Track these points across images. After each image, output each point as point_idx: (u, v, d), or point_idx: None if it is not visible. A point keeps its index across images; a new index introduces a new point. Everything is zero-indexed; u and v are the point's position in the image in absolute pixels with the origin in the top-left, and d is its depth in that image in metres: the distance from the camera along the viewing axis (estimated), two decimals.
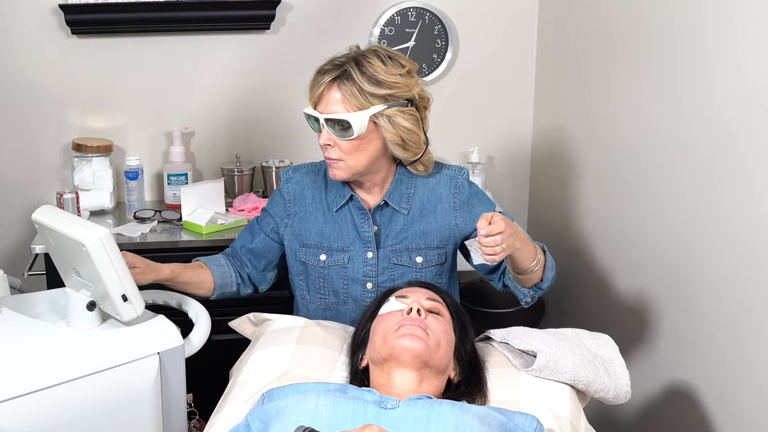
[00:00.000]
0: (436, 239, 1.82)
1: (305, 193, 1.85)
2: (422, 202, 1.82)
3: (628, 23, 2.24)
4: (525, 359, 1.66)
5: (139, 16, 2.51)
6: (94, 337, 1.58)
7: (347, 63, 1.68)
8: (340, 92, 1.67)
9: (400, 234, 1.81)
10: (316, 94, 1.70)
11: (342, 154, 1.71)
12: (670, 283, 2.09)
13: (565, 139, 2.65)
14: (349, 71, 1.67)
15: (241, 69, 2.67)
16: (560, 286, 2.77)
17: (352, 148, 1.70)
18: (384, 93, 1.67)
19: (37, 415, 1.45)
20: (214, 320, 1.78)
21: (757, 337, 1.78)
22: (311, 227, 1.83)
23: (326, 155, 1.73)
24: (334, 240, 1.82)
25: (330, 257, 1.81)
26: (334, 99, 1.68)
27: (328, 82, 1.68)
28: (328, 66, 1.70)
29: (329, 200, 1.83)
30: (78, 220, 1.57)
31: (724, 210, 1.86)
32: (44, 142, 2.61)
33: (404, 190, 1.81)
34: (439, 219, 1.82)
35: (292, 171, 1.88)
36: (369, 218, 1.80)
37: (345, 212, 1.82)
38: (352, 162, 1.72)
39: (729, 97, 1.82)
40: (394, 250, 1.80)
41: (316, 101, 1.71)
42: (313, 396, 1.38)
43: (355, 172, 1.74)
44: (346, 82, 1.66)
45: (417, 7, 2.71)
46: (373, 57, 1.68)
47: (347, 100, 1.66)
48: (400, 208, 1.80)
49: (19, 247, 2.64)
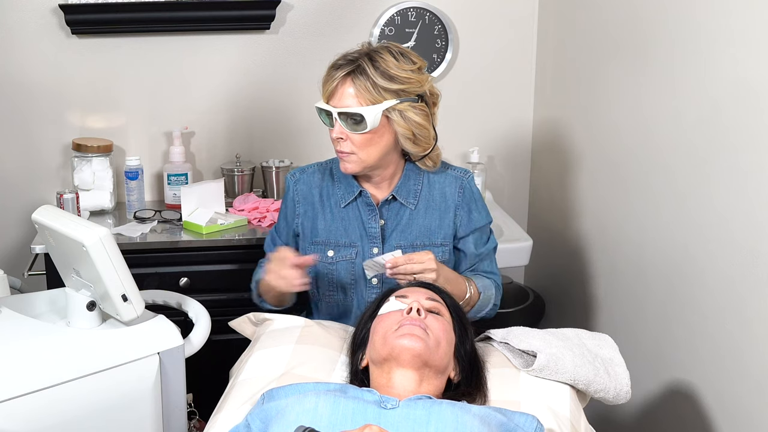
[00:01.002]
0: (439, 236, 1.84)
1: (313, 191, 1.87)
2: (428, 198, 1.85)
3: (629, 23, 2.24)
4: (525, 359, 1.66)
5: (139, 16, 2.51)
6: (94, 337, 1.58)
7: (361, 58, 1.71)
8: (354, 87, 1.70)
9: (405, 230, 1.83)
10: (330, 88, 1.72)
11: (354, 147, 1.73)
12: (670, 283, 2.09)
13: (565, 139, 2.65)
14: (363, 66, 1.69)
15: (241, 69, 2.67)
16: (560, 286, 2.77)
17: (365, 142, 1.73)
18: (396, 88, 1.70)
19: (37, 415, 1.45)
20: (214, 320, 1.78)
21: (756, 337, 1.78)
22: (319, 224, 1.85)
23: (338, 149, 1.76)
24: (341, 236, 1.83)
25: (338, 253, 1.83)
26: (348, 93, 1.70)
27: (342, 77, 1.71)
28: (342, 61, 1.72)
29: (338, 197, 1.85)
30: (78, 220, 1.57)
31: (725, 210, 1.86)
32: (44, 142, 2.61)
33: (412, 185, 1.84)
34: (442, 216, 1.85)
35: (299, 172, 1.90)
36: (376, 213, 1.82)
37: (353, 208, 1.84)
38: (364, 155, 1.74)
39: (729, 97, 1.82)
40: (399, 246, 1.81)
41: (329, 95, 1.73)
42: (313, 396, 1.38)
43: (366, 166, 1.77)
44: (360, 76, 1.69)
45: (417, 7, 2.71)
46: (385, 53, 1.72)
47: (361, 95, 1.69)
48: (407, 203, 1.83)
49: (19, 247, 2.64)
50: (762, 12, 1.70)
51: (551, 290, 2.83)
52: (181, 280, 2.31)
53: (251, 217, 2.43)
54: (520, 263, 2.48)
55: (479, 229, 1.88)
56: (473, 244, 1.87)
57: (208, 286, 2.32)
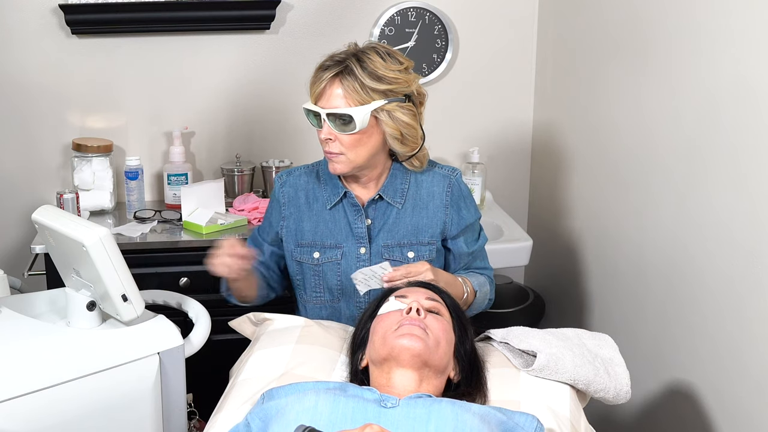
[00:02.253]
0: (427, 235, 1.84)
1: (299, 194, 1.87)
2: (415, 197, 1.85)
3: (629, 23, 2.24)
4: (525, 359, 1.66)
5: (139, 16, 2.51)
6: (94, 337, 1.58)
7: (348, 59, 1.71)
8: (342, 87, 1.70)
9: (392, 229, 1.83)
10: (318, 89, 1.72)
11: (343, 148, 1.73)
12: (669, 283, 2.09)
13: (565, 139, 2.65)
14: (351, 67, 1.69)
15: (241, 69, 2.67)
16: (560, 286, 2.77)
17: (354, 143, 1.73)
18: (384, 88, 1.70)
19: (37, 415, 1.45)
20: (214, 320, 1.78)
21: (756, 337, 1.78)
22: (305, 226, 1.85)
23: (327, 150, 1.76)
24: (327, 237, 1.84)
25: (323, 254, 1.83)
26: (336, 94, 1.70)
27: (330, 78, 1.71)
28: (329, 62, 1.73)
29: (324, 199, 1.85)
30: (78, 220, 1.57)
31: (724, 210, 1.86)
32: (44, 142, 2.61)
33: (399, 185, 1.84)
34: (430, 215, 1.84)
35: (286, 175, 1.91)
36: (362, 213, 1.82)
37: (339, 209, 1.84)
38: (352, 156, 1.74)
39: (729, 97, 1.82)
40: (386, 246, 1.82)
41: (317, 97, 1.73)
42: (313, 395, 1.38)
43: (355, 166, 1.77)
44: (348, 77, 1.69)
45: (417, 7, 2.71)
46: (372, 53, 1.72)
47: (349, 95, 1.69)
48: (394, 202, 1.83)
49: (19, 247, 2.64)
50: (762, 12, 1.70)
51: (551, 290, 2.83)
52: (181, 280, 2.31)
53: (251, 217, 2.43)
54: (520, 263, 2.48)
55: (469, 226, 1.88)
56: (464, 243, 1.88)
57: (208, 286, 2.31)
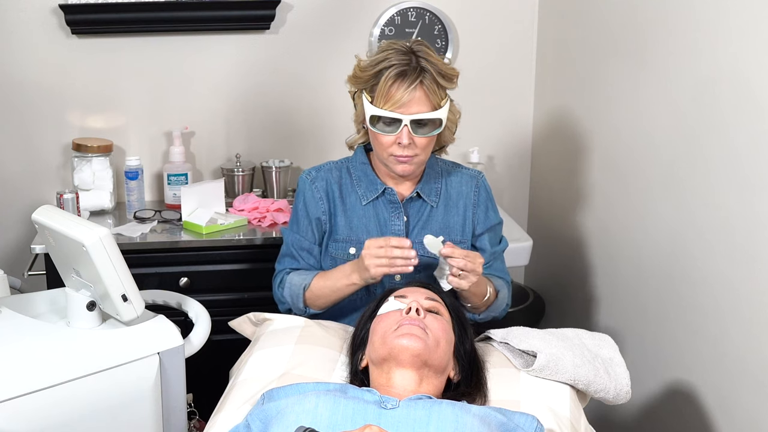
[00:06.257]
0: (458, 233, 1.87)
1: (333, 188, 1.86)
2: (446, 197, 1.87)
3: (629, 23, 2.24)
4: (525, 359, 1.66)
5: (139, 16, 2.51)
6: (94, 337, 1.58)
7: (418, 61, 1.71)
8: (422, 91, 1.71)
9: (425, 226, 1.85)
10: (404, 98, 1.69)
11: (418, 149, 1.75)
12: (670, 283, 2.09)
13: (566, 139, 2.65)
14: (426, 69, 1.71)
15: (241, 69, 2.67)
16: (560, 286, 2.77)
17: (428, 142, 1.76)
18: (448, 85, 1.75)
19: (37, 415, 1.45)
20: (214, 320, 1.78)
21: (756, 337, 1.78)
22: (339, 221, 1.85)
23: (400, 153, 1.74)
24: (363, 233, 1.83)
25: (360, 250, 1.81)
26: (418, 98, 1.71)
27: (410, 84, 1.69)
28: (402, 67, 1.70)
29: (358, 195, 1.85)
30: (78, 220, 1.57)
31: (725, 210, 1.86)
32: (44, 142, 2.61)
33: (433, 184, 1.87)
34: (460, 213, 1.87)
35: (314, 171, 1.89)
36: (401, 210, 1.83)
37: (374, 206, 1.84)
38: (423, 156, 1.78)
39: (728, 96, 1.82)
40: (420, 243, 1.81)
41: (396, 104, 1.70)
42: (313, 396, 1.38)
43: (422, 164, 1.81)
44: (426, 81, 1.71)
45: (417, 7, 2.71)
46: (429, 50, 1.74)
47: (428, 99, 1.71)
48: (430, 200, 1.85)
49: (19, 247, 2.64)
50: (762, 11, 1.70)
51: (551, 290, 2.83)
52: (181, 280, 2.31)
53: (251, 217, 2.43)
54: (520, 263, 2.48)
55: (494, 227, 1.90)
56: (488, 242, 1.89)
57: (208, 286, 2.32)
